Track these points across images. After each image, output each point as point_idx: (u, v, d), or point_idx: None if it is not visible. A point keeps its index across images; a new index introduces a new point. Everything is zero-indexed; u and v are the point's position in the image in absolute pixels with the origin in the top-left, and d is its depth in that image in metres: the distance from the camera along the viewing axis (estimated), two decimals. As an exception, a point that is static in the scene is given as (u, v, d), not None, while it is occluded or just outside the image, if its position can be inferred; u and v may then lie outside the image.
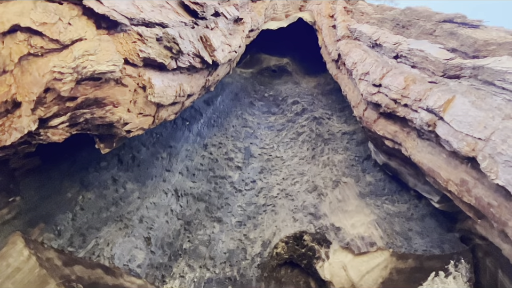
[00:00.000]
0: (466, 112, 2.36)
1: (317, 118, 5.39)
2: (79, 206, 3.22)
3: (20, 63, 2.17)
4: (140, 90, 2.63)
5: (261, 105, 6.16)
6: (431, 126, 2.68)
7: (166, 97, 2.77)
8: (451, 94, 2.59)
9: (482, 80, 2.58)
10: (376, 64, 3.70)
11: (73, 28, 2.28)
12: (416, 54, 3.38)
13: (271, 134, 5.41)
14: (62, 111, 2.38)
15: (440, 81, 2.99)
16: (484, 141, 2.16)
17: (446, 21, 3.62)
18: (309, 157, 4.60)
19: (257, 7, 6.34)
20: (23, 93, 2.20)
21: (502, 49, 2.81)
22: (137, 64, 2.55)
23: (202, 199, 3.99)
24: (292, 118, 5.67)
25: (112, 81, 2.45)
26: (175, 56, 2.81)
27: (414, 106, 2.94)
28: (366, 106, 3.77)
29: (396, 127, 3.32)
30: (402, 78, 3.19)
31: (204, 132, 5.00)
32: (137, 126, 2.73)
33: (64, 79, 2.23)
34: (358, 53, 4.20)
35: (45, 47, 2.20)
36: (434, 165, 2.73)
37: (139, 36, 2.53)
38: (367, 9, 5.76)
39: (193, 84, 3.25)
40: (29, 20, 2.14)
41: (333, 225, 3.35)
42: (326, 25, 6.20)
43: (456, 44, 3.24)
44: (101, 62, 2.31)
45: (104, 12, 2.37)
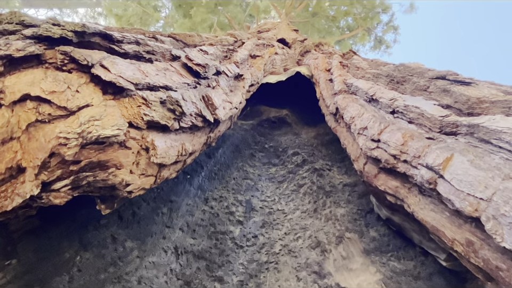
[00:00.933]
0: (466, 171, 2.37)
1: (318, 169, 5.41)
2: (76, 267, 3.13)
3: (27, 130, 2.23)
4: (142, 152, 2.67)
5: (262, 156, 6.21)
6: (432, 184, 2.68)
7: (168, 157, 2.81)
8: (449, 152, 2.63)
9: (479, 138, 2.63)
10: (374, 119, 3.79)
11: (80, 95, 2.38)
12: (412, 110, 3.48)
13: (272, 186, 5.39)
14: (65, 175, 2.40)
15: (437, 138, 3.05)
16: (486, 201, 2.15)
17: (439, 77, 3.76)
18: (311, 210, 4.55)
19: (256, 62, 6.62)
20: (28, 159, 2.23)
21: (494, 107, 2.90)
22: (141, 127, 2.62)
23: (202, 257, 3.88)
24: (293, 169, 5.68)
25: (116, 144, 2.50)
26: (178, 117, 2.89)
27: (414, 162, 2.97)
28: (366, 161, 3.80)
29: (397, 183, 3.33)
30: (400, 134, 3.26)
31: (205, 185, 4.99)
32: (139, 186, 2.74)
33: (69, 144, 2.28)
34: (356, 108, 4.32)
35: (53, 114, 2.27)
36: (438, 223, 2.69)
37: (144, 100, 2.63)
38: (362, 64, 6.02)
39: (195, 142, 3.31)
40: (39, 89, 2.24)
41: (338, 285, 3.23)
42: (323, 79, 6.44)
43: (450, 101, 3.35)
44: (106, 126, 2.37)
45: (111, 79, 2.48)
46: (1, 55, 2.18)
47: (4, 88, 2.15)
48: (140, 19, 17.08)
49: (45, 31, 2.42)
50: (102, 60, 2.55)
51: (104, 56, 2.60)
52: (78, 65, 2.45)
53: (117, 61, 2.67)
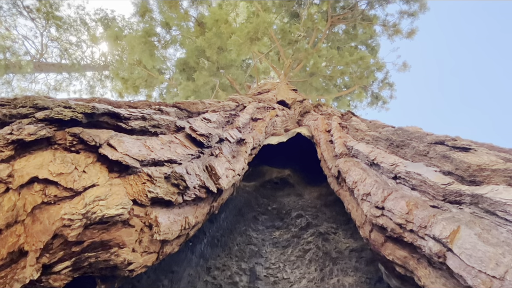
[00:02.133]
0: (474, 246, 2.33)
1: (323, 233, 5.30)
2: None
3: (32, 212, 2.24)
4: (146, 229, 2.65)
5: (265, 219, 6.12)
6: (441, 258, 2.61)
7: (171, 233, 2.78)
8: (455, 224, 2.60)
9: (484, 209, 2.62)
10: (377, 185, 3.80)
11: (87, 175, 2.42)
12: (414, 177, 3.50)
13: (277, 251, 5.24)
14: (66, 256, 2.36)
15: (442, 206, 3.03)
16: (500, 280, 2.08)
17: (437, 143, 3.84)
18: (317, 278, 4.38)
19: (258, 125, 6.79)
20: (31, 242, 2.21)
21: (496, 175, 2.92)
22: (145, 204, 2.63)
23: (205, 337, 3.67)
24: (297, 233, 5.57)
25: (119, 223, 2.49)
26: (182, 191, 2.91)
27: (420, 233, 2.92)
28: (372, 228, 3.74)
29: (405, 253, 3.24)
30: (404, 202, 3.24)
31: (207, 252, 4.86)
32: (141, 264, 2.67)
33: (73, 225, 2.27)
34: (358, 172, 4.35)
35: (59, 195, 2.30)
36: (452, 302, 2.58)
37: (149, 176, 2.67)
38: (360, 126, 6.17)
39: (198, 213, 3.29)
40: (47, 172, 2.28)
41: None
42: (324, 140, 6.56)
43: (451, 167, 3.38)
44: (110, 206, 2.38)
45: (117, 158, 2.54)
46: (13, 140, 2.26)
47: (13, 172, 2.19)
48: (145, 81, 17.85)
49: (57, 114, 2.53)
50: (110, 139, 2.63)
51: (111, 135, 2.69)
52: (86, 145, 2.53)
53: (124, 139, 2.76)
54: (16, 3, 21.35)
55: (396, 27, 17.69)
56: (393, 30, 17.83)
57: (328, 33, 19.18)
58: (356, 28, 19.02)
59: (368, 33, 19.08)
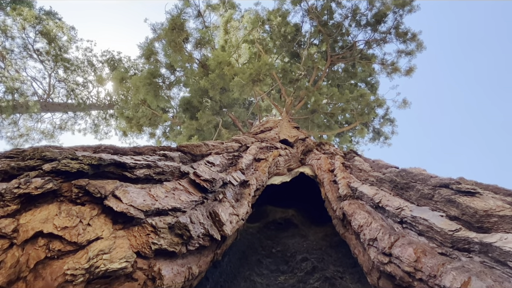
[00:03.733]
0: (487, 299, 2.26)
1: (329, 278, 5.15)
2: None
3: (35, 268, 2.21)
4: (149, 282, 2.59)
5: (269, 263, 5.97)
6: (454, 312, 2.52)
7: (174, 285, 2.71)
8: (466, 274, 2.53)
9: (494, 259, 2.56)
10: (383, 230, 3.74)
11: (91, 228, 2.41)
12: (420, 223, 3.46)
13: (282, 298, 5.07)
14: (68, 314, 2.30)
15: (450, 254, 2.97)
16: (516, 338, 2.00)
17: (442, 186, 3.82)
18: (325, 329, 4.20)
19: (261, 165, 6.81)
20: (32, 300, 2.17)
21: (504, 222, 2.89)
22: (148, 256, 2.59)
23: None
24: (303, 277, 5.41)
25: (122, 277, 2.44)
26: (186, 241, 2.88)
27: (430, 283, 2.84)
28: (380, 275, 3.64)
29: (416, 304, 3.13)
30: (411, 249, 3.18)
31: (210, 301, 4.71)
32: (143, 317, 2.59)
33: (76, 281, 2.23)
34: (363, 216, 4.30)
35: (62, 249, 2.28)
36: None
37: (153, 228, 2.65)
38: (364, 166, 6.18)
39: (201, 263, 3.23)
40: (51, 226, 2.28)
41: None
42: (327, 179, 6.54)
43: (457, 213, 3.35)
44: (114, 260, 2.35)
45: (122, 210, 2.55)
46: (20, 194, 2.28)
47: (18, 227, 2.20)
48: (149, 120, 18.14)
49: (64, 166, 2.57)
50: (115, 190, 2.65)
51: (117, 186, 2.70)
52: (92, 197, 2.54)
53: (129, 189, 2.78)
54: (26, 46, 22.25)
55: (394, 65, 18.18)
56: (391, 68, 18.31)
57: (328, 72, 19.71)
58: (355, 66, 19.58)
59: (367, 71, 19.59)
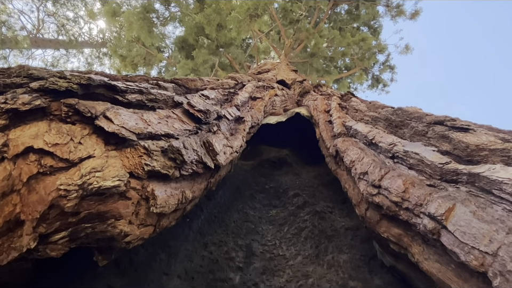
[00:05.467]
0: (469, 223, 2.35)
1: (319, 212, 5.34)
2: (68, 325, 3.01)
3: (28, 183, 2.23)
4: (142, 202, 2.65)
5: (262, 198, 6.16)
6: (435, 235, 2.63)
7: (168, 206, 2.79)
8: (451, 202, 2.61)
9: (480, 188, 2.62)
10: (374, 164, 3.80)
11: (83, 147, 2.40)
12: (412, 156, 3.50)
13: (273, 229, 5.30)
14: (63, 227, 2.37)
15: (438, 185, 3.04)
16: (492, 255, 2.10)
17: (437, 123, 3.82)
18: (313, 255, 4.45)
19: (257, 104, 6.74)
20: (27, 212, 2.22)
21: (493, 155, 2.92)
22: (141, 176, 2.62)
23: (201, 308, 3.75)
24: (294, 211, 5.62)
25: (116, 195, 2.49)
26: (179, 166, 2.90)
27: (416, 211, 2.94)
28: (368, 206, 3.77)
29: (400, 230, 3.27)
30: (401, 180, 3.25)
31: (204, 228, 4.91)
32: (138, 237, 2.69)
33: (69, 196, 2.27)
34: (355, 151, 4.34)
35: (54, 166, 2.28)
36: (444, 276, 2.62)
37: (145, 150, 2.65)
38: (360, 107, 6.13)
39: (195, 188, 3.29)
40: (42, 142, 2.26)
41: None
42: (322, 120, 6.53)
43: (449, 147, 3.38)
44: (106, 178, 2.37)
45: (113, 130, 2.52)
46: (8, 109, 2.23)
47: (8, 141, 2.17)
48: (143, 59, 17.59)
49: (51, 84, 2.49)
50: (106, 111, 2.60)
51: (107, 107, 2.65)
52: (82, 117, 2.50)
53: (120, 112, 2.73)
54: (11, -25, 20.79)
55: (399, 8, 17.35)
56: (396, 11, 17.50)
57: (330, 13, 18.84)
58: (359, 8, 18.67)
59: (371, 14, 18.74)
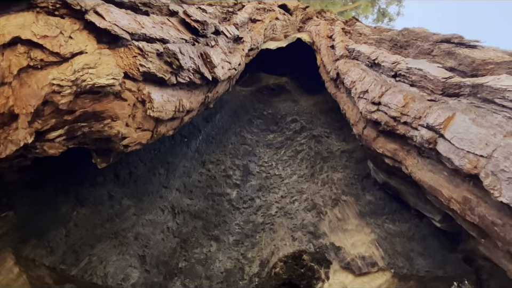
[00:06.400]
0: (467, 130, 2.34)
1: (316, 136, 5.38)
2: (73, 222, 3.14)
3: (19, 76, 2.15)
4: (139, 105, 2.61)
5: (260, 123, 6.16)
6: (431, 144, 2.66)
7: (165, 112, 2.76)
8: (451, 111, 2.59)
9: (482, 98, 2.58)
10: (375, 82, 3.72)
11: (74, 42, 2.28)
12: (414, 73, 3.40)
13: (270, 151, 5.38)
14: (59, 124, 2.35)
15: (439, 99, 3.00)
16: (486, 158, 2.13)
17: (443, 41, 3.66)
18: (308, 175, 4.56)
19: (256, 27, 6.44)
20: (20, 105, 2.17)
21: (500, 68, 2.84)
22: (137, 78, 2.54)
23: (199, 217, 3.92)
24: (291, 135, 5.65)
25: (111, 95, 2.43)
26: (175, 71, 2.81)
27: (414, 124, 2.93)
28: (365, 124, 3.77)
29: (395, 145, 3.31)
30: (401, 96, 3.20)
31: (202, 148, 4.97)
32: (136, 140, 2.69)
33: (63, 92, 2.21)
34: (357, 72, 4.24)
35: (45, 59, 2.18)
36: (435, 183, 2.69)
37: (140, 50, 2.54)
38: (364, 31, 5.86)
39: (192, 100, 3.24)
40: (30, 33, 2.13)
41: (333, 244, 3.27)
42: (325, 45, 6.29)
43: (454, 63, 3.28)
44: (100, 75, 2.30)
45: (105, 27, 2.38)
46: (-11, -5, 2.07)
47: (-7, 30, 2.05)
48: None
49: (35, -27, 2.29)
50: (96, 7, 2.43)
51: (98, 3, 2.48)
52: (71, 10, 2.34)
53: (112, 9, 2.56)
54: None
55: None
56: None
57: None
58: None
59: None
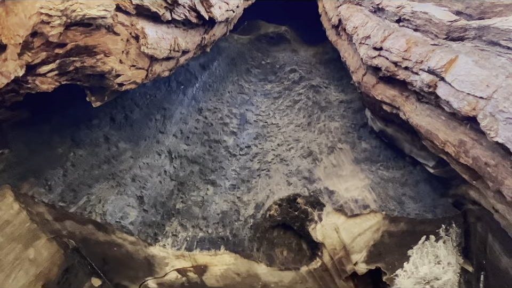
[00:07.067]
0: (469, 72, 2.30)
1: (314, 86, 5.30)
2: (70, 162, 3.16)
3: (4, 3, 2.05)
4: (132, 41, 2.51)
5: (258, 73, 6.04)
6: (431, 87, 2.62)
7: (160, 49, 2.67)
8: (454, 54, 2.52)
9: (487, 41, 2.50)
10: (378, 27, 3.59)
11: (61, -32, 2.14)
12: (419, 17, 3.27)
13: (267, 101, 5.33)
14: (50, 58, 2.27)
15: (442, 44, 2.91)
16: (486, 99, 2.11)
17: (452, -16, 3.49)
18: (305, 124, 4.55)
19: (257, -31, 6.09)
20: (8, 35, 2.09)
21: (509, 10, 2.73)
22: (130, 12, 2.43)
23: (196, 162, 3.95)
24: (289, 86, 5.57)
25: (103, 28, 2.33)
26: (170, 7, 2.68)
27: (415, 68, 2.87)
28: (365, 71, 3.69)
29: (394, 92, 3.27)
30: (404, 40, 3.10)
31: (199, 96, 4.90)
32: (130, 79, 2.63)
33: (53, 23, 2.11)
34: (359, 17, 4.08)
35: (31, -14, 2.07)
36: (432, 127, 2.70)
37: (132, -19, 2.40)
38: (370, -25, 5.56)
39: (188, 40, 3.13)
40: (13, -45, 2.00)
41: (327, 188, 3.34)
42: (327, -9, 6.00)
43: (461, 7, 3.14)
44: (91, 6, 2.18)
45: (94, -48, 2.23)
46: None
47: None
48: None
49: None
50: None
51: None
52: None
53: None
54: None
55: None
56: None
57: None
58: None
59: None
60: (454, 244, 3.15)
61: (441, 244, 3.14)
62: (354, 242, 3.14)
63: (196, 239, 3.23)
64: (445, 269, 3.33)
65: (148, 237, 3.09)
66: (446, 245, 3.16)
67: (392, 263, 3.29)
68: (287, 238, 3.48)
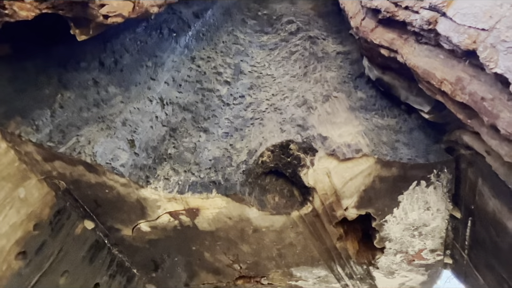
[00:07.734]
0: (472, 4, 2.18)
1: (312, 37, 5.14)
2: (58, 104, 3.08)
3: None
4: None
5: (254, 24, 5.84)
6: (431, 24, 2.50)
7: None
8: (459, -13, 2.39)
9: (493, -26, 2.37)
10: (380, -33, 3.40)
11: None
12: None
13: (263, 52, 5.18)
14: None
15: (447, -19, 2.76)
16: (487, 31, 2.01)
17: None
18: (300, 74, 4.45)
19: None
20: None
21: None
22: None
23: (188, 109, 3.88)
24: (286, 37, 5.40)
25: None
26: None
27: (416, 7, 2.74)
28: (364, 16, 3.55)
29: (393, 35, 3.15)
30: (406, -23, 2.94)
31: (192, 44, 4.74)
32: (116, 10, 2.49)
33: None
34: (361, -41, 3.85)
35: None
36: (430, 66, 2.61)
37: None
38: None
39: (178, -26, 2.95)
40: None
41: (320, 135, 3.30)
42: None
43: None
44: None
45: None
46: None
47: None
48: None
49: None
50: None
51: None
52: None
53: None
54: None
55: None
56: None
57: None
58: None
59: None
60: (444, 190, 3.18)
61: (432, 189, 3.16)
62: (345, 187, 3.15)
63: (188, 183, 3.22)
64: (433, 216, 3.38)
65: (140, 179, 3.07)
66: (436, 191, 3.19)
67: (382, 209, 3.33)
68: (279, 185, 3.49)
